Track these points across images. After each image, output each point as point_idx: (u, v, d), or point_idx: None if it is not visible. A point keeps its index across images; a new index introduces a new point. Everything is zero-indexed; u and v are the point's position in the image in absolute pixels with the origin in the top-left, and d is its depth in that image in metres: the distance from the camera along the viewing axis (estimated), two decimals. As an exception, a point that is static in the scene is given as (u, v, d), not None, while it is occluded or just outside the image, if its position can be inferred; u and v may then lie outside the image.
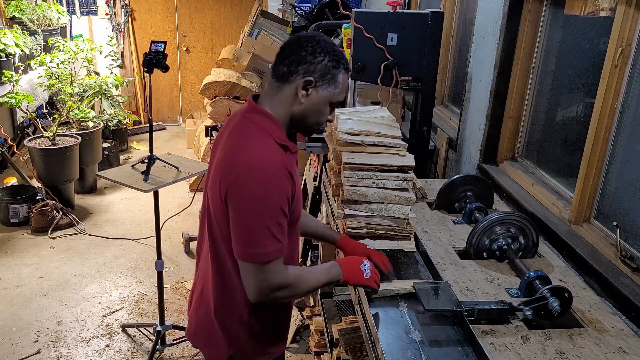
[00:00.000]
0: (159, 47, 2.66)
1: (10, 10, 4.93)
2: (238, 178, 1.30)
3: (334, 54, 1.38)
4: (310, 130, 1.48)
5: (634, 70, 1.70)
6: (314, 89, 1.38)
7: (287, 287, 1.37)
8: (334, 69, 1.38)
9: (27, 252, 3.98)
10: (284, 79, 1.38)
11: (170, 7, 6.87)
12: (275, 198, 1.31)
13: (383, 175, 1.77)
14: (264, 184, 1.29)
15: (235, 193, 1.31)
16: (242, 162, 1.31)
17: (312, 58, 1.36)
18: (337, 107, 1.47)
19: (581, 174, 1.90)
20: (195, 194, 4.47)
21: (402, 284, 1.60)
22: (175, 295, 3.53)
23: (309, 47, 1.37)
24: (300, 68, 1.36)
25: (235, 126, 1.43)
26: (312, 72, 1.36)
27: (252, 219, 1.30)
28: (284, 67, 1.38)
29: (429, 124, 2.73)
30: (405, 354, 1.34)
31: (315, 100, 1.39)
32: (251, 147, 1.34)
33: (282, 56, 1.39)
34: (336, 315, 2.68)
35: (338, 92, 1.41)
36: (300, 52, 1.37)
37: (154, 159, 2.81)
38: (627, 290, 1.55)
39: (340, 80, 1.40)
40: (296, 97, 1.38)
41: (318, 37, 1.40)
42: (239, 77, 4.91)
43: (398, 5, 2.55)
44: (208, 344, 1.57)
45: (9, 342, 3.03)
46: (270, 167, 1.31)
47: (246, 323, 1.51)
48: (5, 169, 5.02)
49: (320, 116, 1.43)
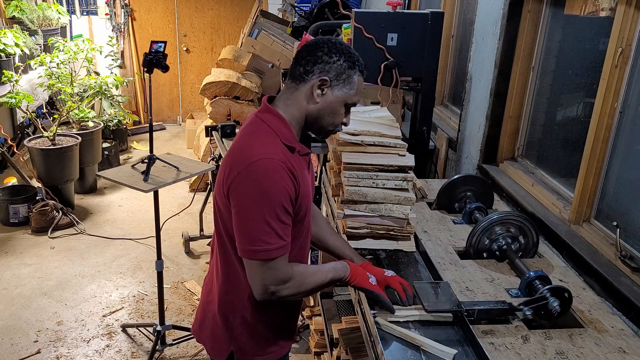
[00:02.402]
0: (159, 47, 2.66)
1: (10, 10, 4.92)
2: (239, 175, 1.32)
3: (350, 55, 1.41)
4: (325, 132, 1.48)
5: (634, 70, 1.71)
6: (329, 89, 1.40)
7: (291, 284, 1.37)
8: (350, 69, 1.40)
9: (27, 252, 3.98)
10: (300, 79, 1.41)
11: (170, 7, 6.87)
12: (275, 194, 1.31)
13: (383, 176, 1.77)
14: (264, 180, 1.30)
15: (236, 190, 1.33)
16: (244, 160, 1.33)
17: (328, 58, 1.38)
18: (351, 108, 1.48)
19: (581, 174, 1.90)
20: (195, 194, 4.47)
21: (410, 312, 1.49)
22: (175, 295, 3.53)
23: (325, 48, 1.39)
24: (316, 68, 1.38)
25: (246, 126, 1.46)
26: (327, 72, 1.38)
27: (253, 215, 1.31)
28: (300, 67, 1.40)
29: (429, 124, 2.73)
30: (405, 354, 1.34)
31: (331, 100, 1.41)
32: (255, 145, 1.36)
33: (299, 58, 1.42)
34: (336, 315, 2.68)
35: (353, 93, 1.42)
36: (316, 53, 1.39)
37: (154, 159, 2.81)
38: (627, 290, 1.55)
39: (356, 81, 1.42)
40: (311, 97, 1.40)
41: (334, 40, 1.43)
42: (239, 77, 4.91)
43: (398, 5, 2.55)
44: (211, 338, 1.59)
45: (9, 342, 3.03)
46: (271, 164, 1.31)
47: (249, 321, 1.51)
48: (5, 169, 5.02)
49: (335, 117, 1.44)
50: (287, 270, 1.37)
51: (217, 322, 1.54)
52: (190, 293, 3.54)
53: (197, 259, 4.00)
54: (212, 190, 1.57)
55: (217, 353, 1.58)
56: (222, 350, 1.56)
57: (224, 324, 1.53)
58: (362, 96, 1.50)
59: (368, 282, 1.50)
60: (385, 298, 1.49)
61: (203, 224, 4.09)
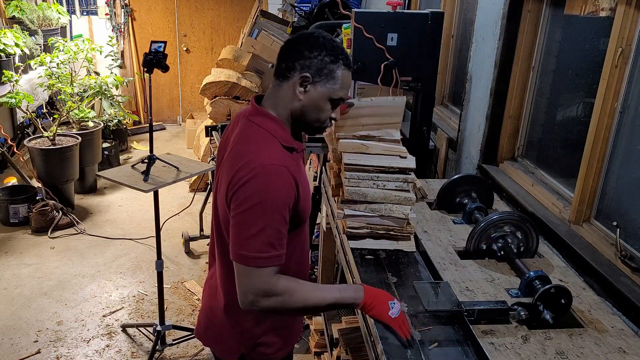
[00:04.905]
0: (159, 47, 2.66)
1: (10, 10, 4.92)
2: (244, 181, 1.30)
3: (332, 49, 1.35)
4: (312, 128, 1.44)
5: (634, 70, 1.71)
6: (311, 85, 1.35)
7: (273, 299, 1.32)
8: (332, 63, 1.35)
9: (27, 252, 3.98)
10: (283, 76, 1.38)
11: (170, 7, 6.87)
12: (277, 202, 1.30)
13: (384, 177, 1.77)
14: (268, 188, 1.29)
15: (239, 195, 1.31)
16: (248, 165, 1.31)
17: (309, 53, 1.34)
18: (339, 103, 1.43)
19: (581, 174, 1.90)
20: (195, 194, 4.47)
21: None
22: (175, 295, 3.53)
23: (305, 43, 1.35)
24: (297, 64, 1.35)
25: (240, 131, 1.42)
26: (308, 67, 1.34)
27: (251, 221, 1.30)
28: (283, 64, 1.38)
29: (429, 124, 2.73)
30: (405, 354, 1.34)
31: (314, 96, 1.36)
32: (256, 154, 1.33)
33: (282, 54, 1.39)
34: (336, 315, 2.68)
35: (338, 88, 1.37)
36: (297, 48, 1.35)
37: (154, 159, 2.81)
38: (627, 290, 1.55)
39: (340, 76, 1.36)
40: (295, 94, 1.37)
41: (317, 33, 1.38)
42: (239, 77, 4.91)
43: (398, 5, 2.55)
44: (220, 341, 1.59)
45: (9, 342, 3.03)
46: (277, 171, 1.30)
47: (256, 321, 1.52)
48: (5, 169, 5.02)
49: (320, 113, 1.40)
50: (273, 283, 1.31)
51: (225, 325, 1.54)
52: (190, 293, 3.54)
53: (197, 259, 4.00)
54: (212, 191, 1.56)
55: (226, 356, 1.59)
56: (233, 353, 1.56)
57: (232, 327, 1.53)
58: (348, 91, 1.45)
59: (387, 314, 1.36)
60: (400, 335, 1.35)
61: (203, 224, 4.09)
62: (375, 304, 1.38)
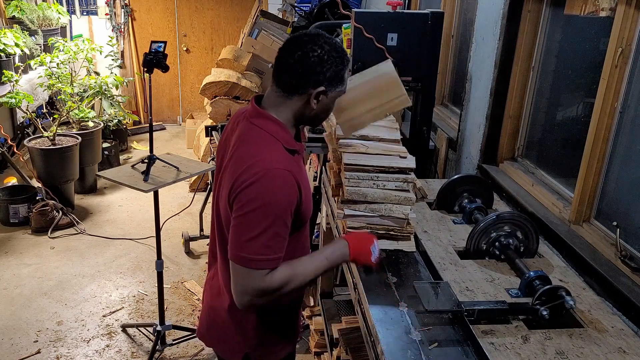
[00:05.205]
0: (159, 47, 2.66)
1: (10, 10, 4.92)
2: (248, 183, 1.30)
3: (339, 57, 1.37)
4: (318, 125, 1.55)
5: (634, 70, 1.71)
6: (324, 95, 1.39)
7: (271, 294, 1.36)
8: (341, 70, 1.39)
9: (27, 252, 3.98)
10: (293, 91, 1.37)
11: (170, 7, 6.87)
12: (280, 206, 1.31)
13: (383, 177, 1.77)
14: (272, 192, 1.30)
15: (242, 197, 1.31)
16: (251, 173, 1.31)
17: (321, 68, 1.34)
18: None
19: (581, 174, 1.90)
20: (195, 194, 4.48)
21: None
22: (175, 295, 3.53)
23: (314, 56, 1.33)
24: (311, 81, 1.35)
25: (241, 133, 1.42)
26: (322, 82, 1.36)
27: (252, 224, 1.30)
28: (291, 79, 1.35)
29: (429, 124, 2.73)
30: (405, 354, 1.34)
31: (326, 102, 1.42)
32: (260, 156, 1.33)
33: (286, 65, 1.35)
34: (336, 315, 2.68)
35: (344, 87, 1.44)
36: (307, 61, 1.33)
37: (154, 159, 2.81)
38: (627, 290, 1.55)
39: (345, 77, 1.42)
40: (307, 105, 1.39)
41: (319, 39, 1.35)
42: (239, 77, 4.91)
43: (398, 5, 2.55)
44: (223, 341, 1.60)
45: (9, 342, 3.03)
46: (282, 175, 1.31)
47: (260, 321, 1.53)
48: (5, 169, 5.02)
49: (329, 112, 1.48)
50: (269, 282, 1.35)
51: (229, 325, 1.55)
52: (190, 293, 3.54)
53: (197, 259, 4.00)
54: (212, 191, 1.55)
55: (230, 356, 1.59)
56: (236, 352, 1.56)
57: (236, 327, 1.54)
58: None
59: (370, 259, 1.55)
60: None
61: (203, 224, 4.09)
62: (361, 257, 1.55)
